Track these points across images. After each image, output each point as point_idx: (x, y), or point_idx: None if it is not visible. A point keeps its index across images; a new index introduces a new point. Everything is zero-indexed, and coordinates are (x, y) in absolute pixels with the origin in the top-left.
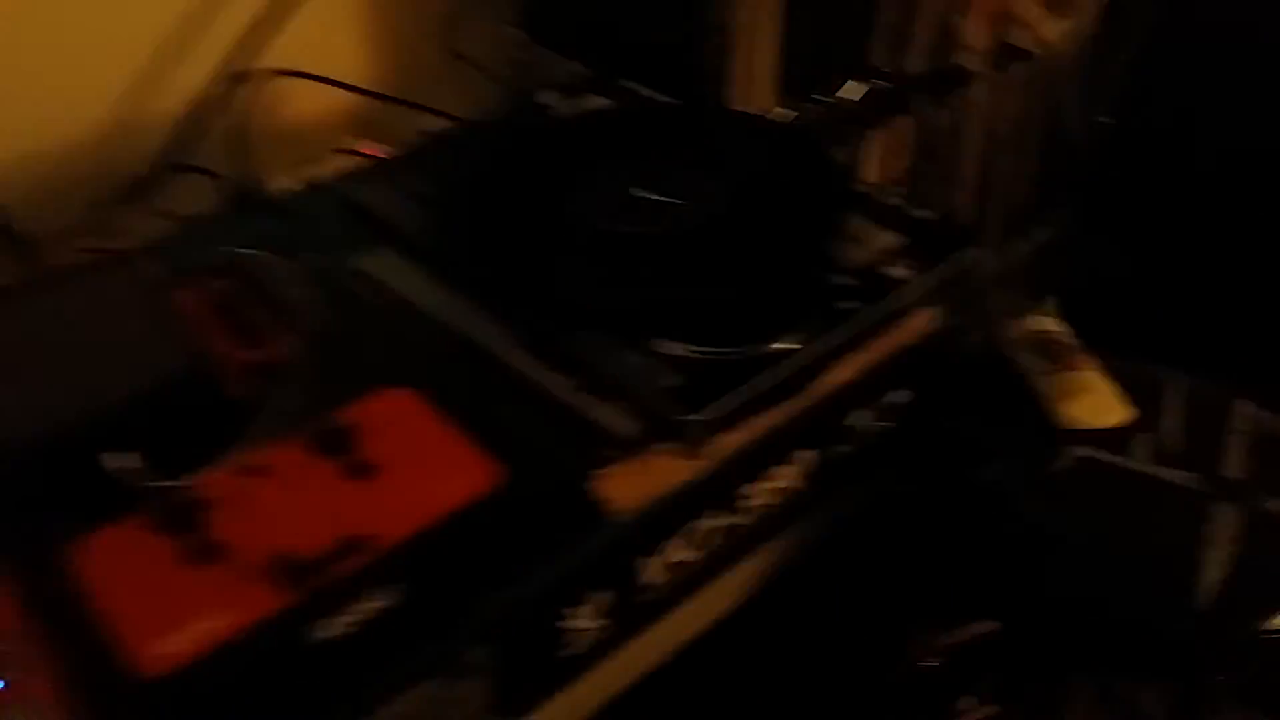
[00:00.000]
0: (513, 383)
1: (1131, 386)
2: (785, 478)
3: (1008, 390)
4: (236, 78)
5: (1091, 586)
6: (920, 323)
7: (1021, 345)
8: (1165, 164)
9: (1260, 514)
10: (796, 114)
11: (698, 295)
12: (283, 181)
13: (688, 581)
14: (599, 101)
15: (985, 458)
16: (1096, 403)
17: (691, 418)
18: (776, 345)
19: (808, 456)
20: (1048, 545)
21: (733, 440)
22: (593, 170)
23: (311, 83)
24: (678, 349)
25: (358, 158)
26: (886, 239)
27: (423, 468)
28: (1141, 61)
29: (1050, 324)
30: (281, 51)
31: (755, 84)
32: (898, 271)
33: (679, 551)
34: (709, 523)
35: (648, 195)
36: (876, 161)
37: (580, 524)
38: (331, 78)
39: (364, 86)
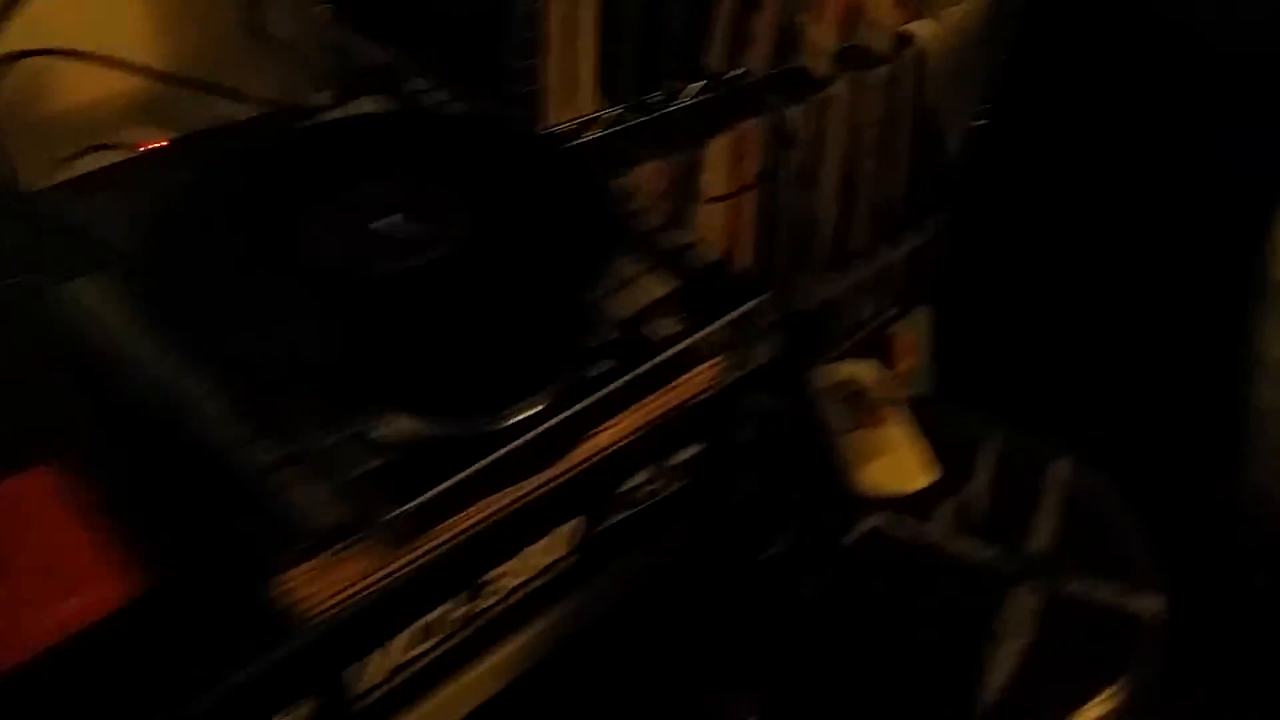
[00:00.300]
0: (203, 456)
1: (944, 441)
2: (546, 552)
3: (806, 450)
4: None
5: (871, 678)
6: (704, 377)
7: (827, 397)
8: (1036, 171)
9: (1059, 598)
10: (621, 114)
11: (426, 356)
12: (44, 181)
13: (425, 677)
14: (373, 105)
15: (773, 527)
16: (900, 465)
17: (389, 514)
18: (516, 415)
19: (572, 528)
20: (831, 628)
21: (463, 521)
22: (334, 192)
23: (83, 64)
24: (400, 423)
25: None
26: (659, 286)
27: (45, 576)
28: (1014, 64)
29: (862, 371)
30: (50, 27)
31: (573, 82)
32: (667, 326)
33: (407, 648)
34: (446, 612)
35: (385, 229)
36: (724, 166)
37: (258, 632)
38: (107, 56)
39: (150, 67)
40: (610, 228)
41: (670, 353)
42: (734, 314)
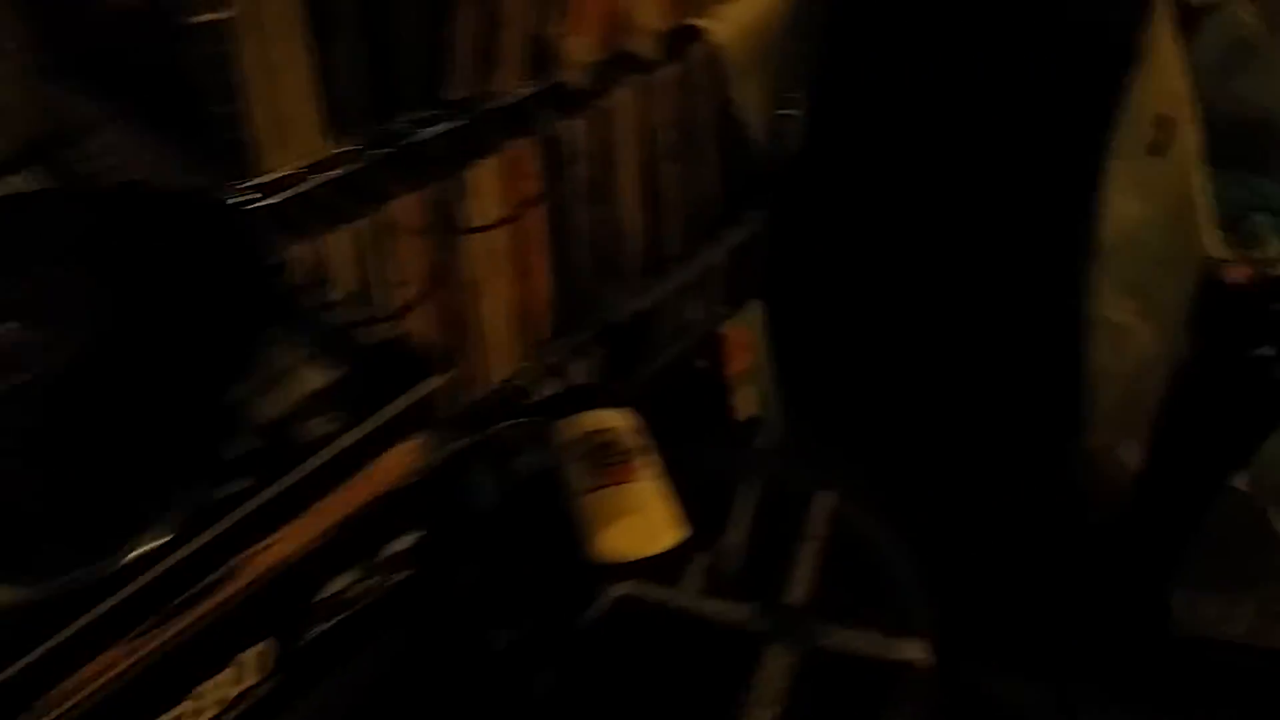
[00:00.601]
0: None
1: (700, 486)
2: (234, 683)
3: (540, 522)
4: None
5: None
6: (401, 463)
7: (570, 453)
8: (857, 153)
9: (815, 653)
10: (358, 151)
11: (11, 503)
12: None
13: None
14: (23, 183)
15: (503, 615)
16: (647, 524)
17: None
18: (130, 555)
19: (262, 651)
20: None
21: (93, 678)
22: None
23: None
24: None
25: None
26: (320, 377)
27: None
28: (821, 54)
29: (611, 420)
30: None
31: (288, 122)
32: (320, 426)
33: None
34: None
35: None
36: (495, 191)
37: None
38: None
39: None
40: (261, 314)
41: (325, 455)
42: (400, 403)
